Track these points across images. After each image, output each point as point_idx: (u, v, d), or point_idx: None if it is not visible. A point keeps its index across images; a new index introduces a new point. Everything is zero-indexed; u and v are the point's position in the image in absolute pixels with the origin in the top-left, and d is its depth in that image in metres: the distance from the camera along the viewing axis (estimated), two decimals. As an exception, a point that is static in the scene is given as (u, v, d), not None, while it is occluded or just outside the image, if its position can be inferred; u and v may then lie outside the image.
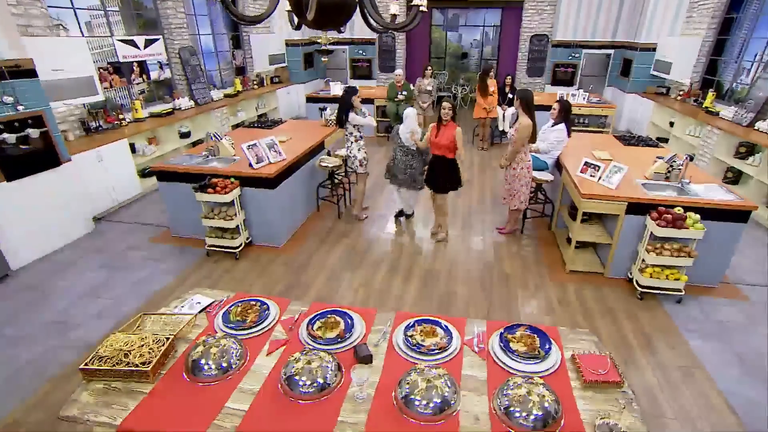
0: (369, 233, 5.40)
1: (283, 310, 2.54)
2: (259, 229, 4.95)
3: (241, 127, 6.99)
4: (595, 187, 4.26)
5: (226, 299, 2.65)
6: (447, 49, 13.94)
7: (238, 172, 4.66)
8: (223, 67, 9.56)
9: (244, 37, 9.98)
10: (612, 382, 2.05)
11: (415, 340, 2.25)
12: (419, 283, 4.36)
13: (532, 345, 2.22)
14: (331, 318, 2.38)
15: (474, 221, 5.72)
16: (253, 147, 4.78)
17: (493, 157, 8.49)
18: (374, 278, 4.43)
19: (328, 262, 4.71)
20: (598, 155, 5.07)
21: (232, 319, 2.44)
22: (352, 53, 12.16)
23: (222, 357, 2.12)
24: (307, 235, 5.33)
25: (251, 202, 4.78)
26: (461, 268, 4.64)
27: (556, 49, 11.22)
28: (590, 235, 4.49)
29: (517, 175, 4.87)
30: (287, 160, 4.95)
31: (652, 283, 4.02)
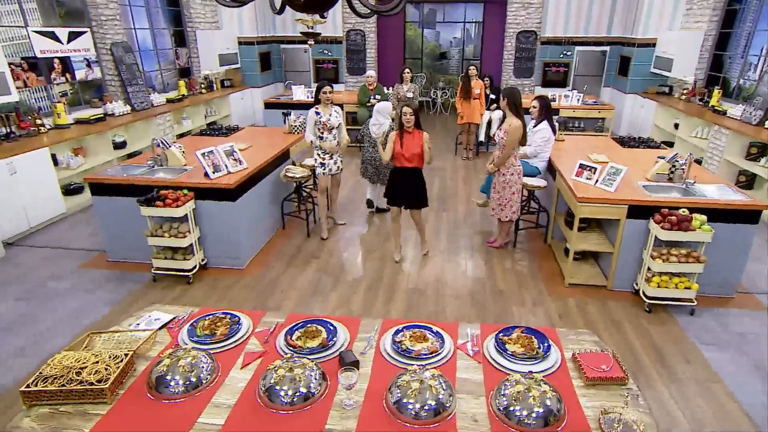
0: (343, 251, 5.59)
1: (257, 322, 2.70)
2: (217, 249, 5.04)
3: (189, 136, 7.15)
4: (592, 190, 4.59)
5: (189, 314, 2.79)
6: (423, 48, 14.54)
7: (192, 182, 4.78)
8: (164, 67, 9.75)
9: (188, 34, 10.22)
10: (616, 378, 2.29)
11: (405, 345, 2.45)
12: (403, 302, 4.55)
13: (530, 346, 2.46)
14: (311, 327, 2.56)
15: (461, 235, 5.98)
16: (209, 154, 4.93)
17: (479, 167, 8.87)
18: (352, 299, 4.60)
19: (298, 284, 4.85)
20: (595, 158, 5.44)
21: (199, 333, 2.58)
22: (316, 53, 12.48)
23: (191, 371, 2.26)
24: (272, 255, 5.45)
25: (207, 217, 4.89)
26: (449, 285, 4.86)
27: (546, 46, 11.85)
28: (590, 243, 4.79)
29: (507, 183, 5.15)
30: (249, 170, 5.11)
31: (660, 293, 4.33)
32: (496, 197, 5.28)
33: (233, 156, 5.15)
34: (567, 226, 5.07)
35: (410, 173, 4.88)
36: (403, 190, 4.96)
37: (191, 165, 5.23)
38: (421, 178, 4.97)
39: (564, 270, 4.96)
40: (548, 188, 5.68)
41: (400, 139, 4.78)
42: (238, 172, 5.02)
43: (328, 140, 5.46)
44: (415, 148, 4.74)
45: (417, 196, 5.01)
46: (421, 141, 4.76)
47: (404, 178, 4.91)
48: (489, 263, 5.32)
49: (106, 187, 4.95)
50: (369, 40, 12.29)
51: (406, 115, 4.71)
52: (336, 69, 12.55)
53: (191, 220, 4.75)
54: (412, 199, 5.02)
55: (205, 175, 4.85)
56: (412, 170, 4.87)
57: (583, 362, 2.36)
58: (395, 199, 5.05)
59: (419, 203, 5.04)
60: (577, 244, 4.75)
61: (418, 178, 4.94)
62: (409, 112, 4.70)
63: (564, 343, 2.55)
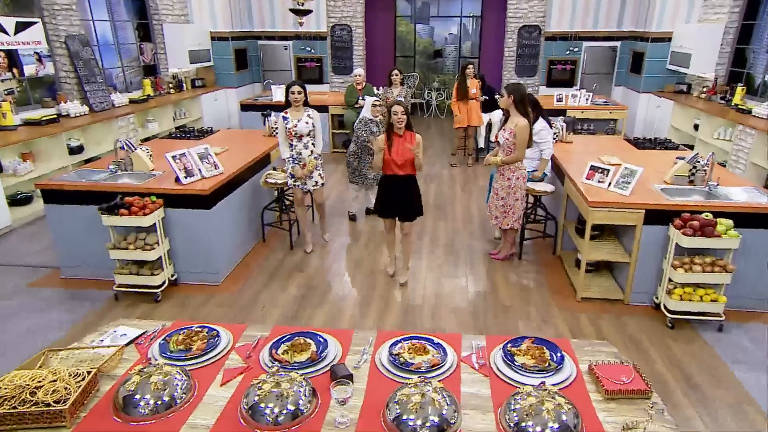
0: (330, 264, 5.62)
1: (238, 336, 2.70)
2: (189, 262, 5.04)
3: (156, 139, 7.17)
4: (605, 194, 4.66)
5: (161, 329, 2.79)
6: (416, 46, 14.74)
7: (162, 188, 4.80)
8: (127, 64, 9.80)
9: (154, 27, 10.27)
10: (638, 391, 2.32)
11: (403, 358, 2.46)
12: (397, 319, 4.58)
13: (542, 357, 2.48)
14: (299, 340, 2.57)
15: (460, 246, 6.04)
16: (181, 157, 4.95)
17: (478, 174, 8.96)
18: (341, 317, 4.62)
19: (280, 301, 4.87)
20: (607, 160, 5.52)
21: (172, 348, 2.58)
22: (297, 50, 12.57)
23: (164, 389, 2.25)
24: (251, 269, 5.47)
25: (178, 227, 4.90)
26: (448, 301, 4.90)
27: (551, 42, 12.04)
28: (603, 253, 4.84)
29: (512, 187, 5.21)
30: (225, 174, 5.14)
31: (683, 307, 4.38)
32: (498, 204, 5.32)
33: (208, 159, 5.17)
34: (578, 234, 5.13)
35: (402, 181, 4.84)
36: (394, 200, 4.93)
37: (160, 169, 5.24)
38: (415, 187, 4.95)
39: (575, 283, 5.00)
40: (556, 193, 5.75)
41: (388, 143, 4.71)
42: (214, 178, 5.04)
43: (296, 150, 5.36)
44: (408, 152, 4.68)
45: (410, 207, 4.99)
46: (414, 144, 4.71)
47: (395, 187, 4.88)
48: (491, 276, 5.37)
49: (61, 195, 4.93)
50: (356, 36, 12.40)
51: (396, 114, 4.62)
52: (320, 68, 12.62)
53: (160, 231, 4.74)
54: (405, 210, 5.00)
55: (176, 180, 4.86)
56: (404, 178, 4.83)
57: (600, 374, 2.39)
58: (387, 210, 5.04)
59: (412, 214, 5.03)
60: (589, 253, 4.80)
61: (412, 186, 4.92)
62: (400, 111, 4.62)
63: (579, 355, 2.57)
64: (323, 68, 12.64)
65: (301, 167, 5.42)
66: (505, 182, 5.23)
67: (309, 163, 5.46)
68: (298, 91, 5.23)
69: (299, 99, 5.23)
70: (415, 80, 14.37)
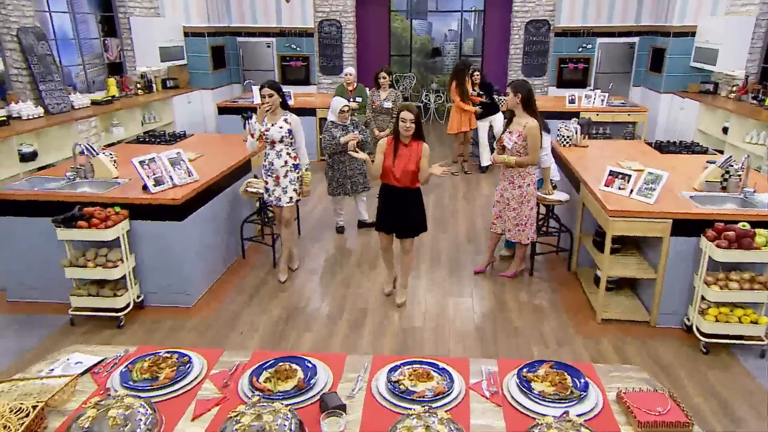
0: (318, 283, 5.59)
1: (213, 362, 2.61)
2: (158, 282, 4.98)
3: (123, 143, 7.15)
4: (627, 202, 4.63)
5: (123, 355, 2.69)
6: (413, 43, 14.84)
7: (127, 198, 4.75)
8: (89, 61, 9.71)
9: (120, 21, 10.23)
10: (677, 423, 2.24)
11: (404, 386, 2.38)
12: (395, 344, 4.53)
13: (562, 384, 2.40)
14: (283, 366, 2.48)
15: (464, 262, 6.03)
16: (149, 163, 4.90)
17: (482, 181, 8.95)
18: (331, 340, 4.57)
19: (262, 325, 4.81)
20: (627, 166, 5.48)
21: (135, 377, 2.48)
22: (281, 48, 12.57)
23: (125, 425, 2.14)
24: (229, 289, 5.43)
25: (146, 242, 4.85)
26: (452, 323, 4.85)
27: (561, 39, 12.09)
28: (626, 268, 4.79)
29: (524, 195, 5.20)
30: (200, 182, 5.10)
31: (719, 329, 4.32)
32: (511, 215, 5.30)
33: (180, 165, 5.12)
34: (596, 248, 5.09)
35: (403, 194, 4.81)
36: (391, 213, 4.89)
37: (125, 177, 5.19)
38: (416, 200, 4.91)
39: (594, 303, 4.96)
40: (570, 203, 5.73)
41: (393, 150, 4.68)
42: (187, 186, 4.99)
43: (268, 159, 5.25)
44: (410, 164, 4.64)
45: (409, 222, 4.94)
46: (419, 156, 4.65)
47: (394, 199, 4.85)
48: (500, 296, 5.33)
49: (9, 205, 4.86)
50: (346, 32, 12.41)
51: (405, 122, 4.56)
52: (306, 68, 12.60)
53: (124, 246, 4.67)
54: (402, 226, 4.95)
55: (143, 189, 4.81)
56: (403, 191, 4.79)
57: (632, 404, 2.31)
58: (383, 224, 5.00)
59: (412, 230, 4.99)
60: (609, 269, 4.76)
61: (413, 199, 4.89)
62: (409, 119, 4.56)
63: (605, 381, 2.50)
64: (310, 68, 12.62)
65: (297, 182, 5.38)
66: (516, 191, 5.21)
67: (305, 178, 5.41)
68: (268, 93, 5.08)
69: (270, 102, 5.09)
70: (412, 81, 14.43)
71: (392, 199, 4.84)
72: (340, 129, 6.32)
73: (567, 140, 6.48)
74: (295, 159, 5.34)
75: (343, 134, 6.27)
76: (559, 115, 9.11)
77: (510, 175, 5.20)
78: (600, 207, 4.73)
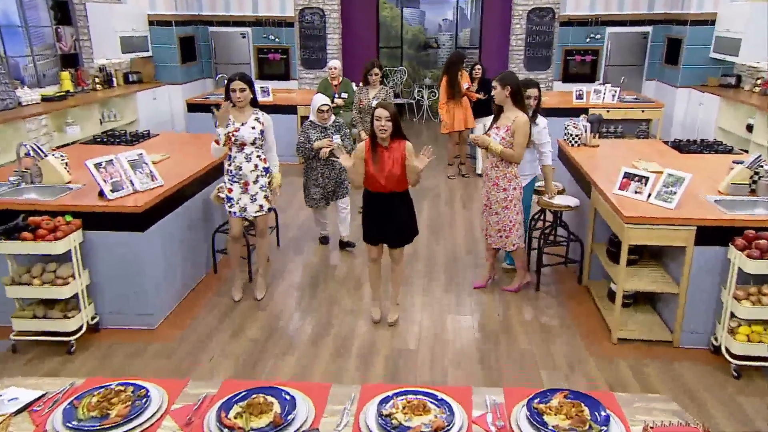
0: (298, 303, 5.50)
1: (175, 395, 2.48)
2: (116, 301, 4.89)
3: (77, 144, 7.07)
4: (644, 207, 4.57)
5: (68, 389, 2.56)
6: (404, 34, 14.83)
7: (80, 205, 4.64)
8: (39, 52, 9.51)
9: (75, 8, 10.06)
10: (709, 460, 2.14)
11: (397, 420, 2.26)
12: (386, 369, 4.45)
13: (579, 417, 2.29)
14: (257, 399, 2.36)
15: (463, 276, 5.98)
16: (106, 166, 4.80)
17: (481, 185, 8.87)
18: (313, 368, 4.48)
19: (234, 350, 4.71)
20: (643, 167, 5.44)
21: (82, 415, 2.35)
22: (258, 39, 12.50)
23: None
24: (198, 308, 5.34)
25: (102, 255, 4.75)
26: (451, 345, 4.78)
27: (567, 28, 12.09)
28: (644, 282, 4.72)
29: (509, 200, 5.20)
30: (165, 188, 5.01)
31: (751, 350, 4.25)
32: (493, 220, 5.30)
33: (142, 169, 5.03)
34: (610, 258, 5.02)
35: (390, 199, 4.76)
36: (380, 221, 4.82)
37: (79, 182, 5.08)
38: (406, 204, 4.85)
39: (609, 320, 4.90)
40: (580, 208, 5.67)
41: (372, 154, 4.63)
42: (150, 191, 4.89)
43: (235, 163, 5.08)
44: (395, 167, 4.59)
45: (401, 229, 4.88)
46: (403, 157, 4.60)
47: (382, 206, 4.78)
48: (504, 313, 5.27)
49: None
50: (331, 22, 12.39)
51: (380, 120, 4.49)
52: (286, 61, 12.55)
53: (76, 260, 4.55)
54: (394, 233, 4.88)
55: (100, 195, 4.71)
56: (392, 195, 4.73)
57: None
58: (371, 235, 4.92)
59: (404, 236, 4.93)
60: (626, 283, 4.68)
61: (403, 203, 4.83)
62: (384, 117, 4.48)
63: (628, 413, 2.40)
64: (290, 61, 12.59)
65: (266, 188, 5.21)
66: (500, 194, 5.21)
67: (275, 179, 5.30)
68: (240, 87, 4.93)
69: (242, 98, 4.96)
70: (403, 76, 14.43)
71: (379, 206, 4.78)
72: (318, 131, 6.14)
73: (575, 139, 6.42)
74: (266, 162, 5.22)
75: (320, 137, 6.09)
76: (565, 112, 9.07)
77: (494, 176, 5.19)
78: (614, 213, 4.67)
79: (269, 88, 10.10)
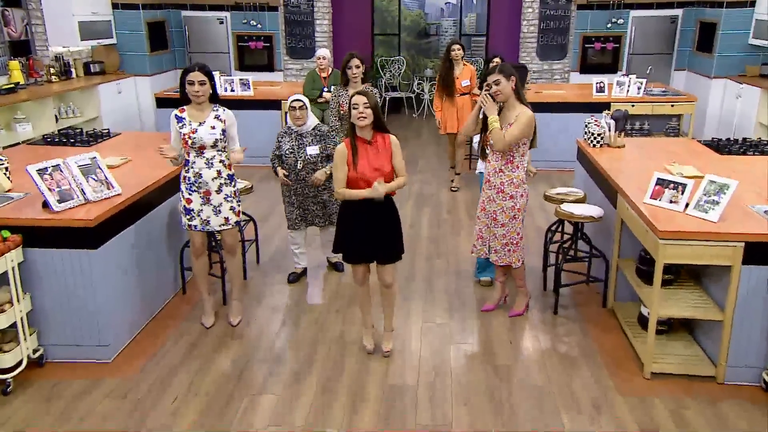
0: (277, 331, 5.36)
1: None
2: (64, 331, 4.77)
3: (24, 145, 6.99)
4: (682, 219, 4.38)
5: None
6: (402, 20, 14.74)
7: (20, 218, 4.52)
8: (-16, 39, 9.44)
9: (27, -12, 9.98)
10: None
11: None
12: (379, 410, 4.30)
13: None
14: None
15: (468, 298, 5.88)
16: (52, 172, 4.65)
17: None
18: (294, 408, 4.33)
19: (202, 387, 4.55)
20: (677, 171, 5.28)
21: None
22: (237, 25, 12.46)
23: None
24: (163, 337, 5.23)
25: (46, 277, 4.63)
26: (455, 379, 4.63)
27: (586, 12, 11.99)
28: (681, 306, 4.52)
29: (517, 208, 5.08)
30: (124, 197, 4.91)
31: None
32: (500, 233, 5.14)
33: (96, 175, 4.88)
34: (641, 278, 4.83)
35: (375, 206, 4.50)
36: (366, 234, 4.59)
37: (21, 190, 4.96)
38: (393, 211, 4.67)
39: (640, 350, 4.70)
40: (605, 219, 5.52)
41: (352, 154, 4.43)
42: (104, 201, 4.76)
43: (195, 169, 4.84)
44: (384, 163, 4.45)
45: (391, 243, 4.68)
46: (390, 152, 4.48)
47: (367, 215, 4.54)
48: (516, 341, 5.11)
49: None
50: (320, 6, 12.33)
51: (357, 107, 4.32)
52: (269, 50, 12.53)
53: (15, 283, 4.38)
54: (384, 249, 4.67)
55: (44, 206, 4.57)
56: (378, 201, 4.49)
57: None
58: (355, 252, 4.71)
59: (394, 252, 4.73)
60: (661, 308, 4.48)
61: (391, 210, 4.64)
62: (362, 103, 4.31)
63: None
64: (274, 50, 12.59)
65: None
66: (506, 202, 5.05)
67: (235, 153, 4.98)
68: (199, 80, 4.69)
69: (202, 92, 4.73)
70: (401, 67, 14.35)
71: (363, 216, 4.54)
72: (293, 138, 5.71)
73: (598, 139, 6.26)
74: (230, 168, 4.99)
75: (294, 147, 5.68)
76: (584, 107, 8.95)
77: (498, 183, 5.01)
78: (646, 227, 4.47)
79: (249, 81, 9.93)
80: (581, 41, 12.09)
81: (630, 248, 5.22)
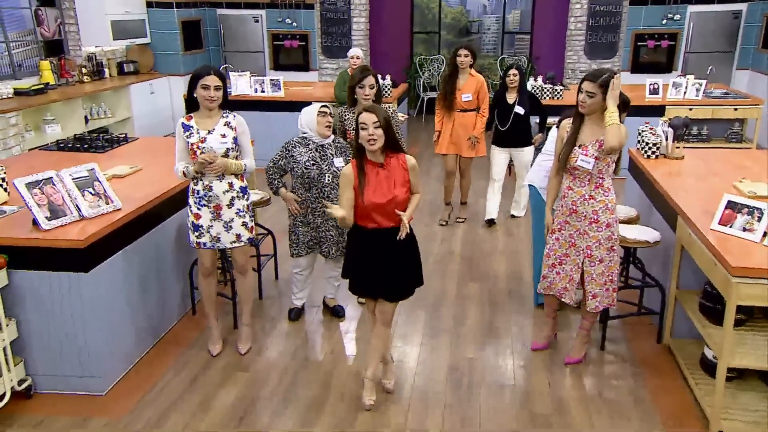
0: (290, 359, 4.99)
1: None
2: (53, 361, 4.51)
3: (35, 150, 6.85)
4: (759, 252, 3.86)
5: None
6: (442, 17, 14.52)
7: (4, 237, 4.28)
8: (17, 38, 9.45)
9: (60, -13, 10.04)
10: None
11: None
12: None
13: None
14: None
15: (502, 329, 5.37)
16: (43, 185, 4.38)
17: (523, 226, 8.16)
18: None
19: (203, 426, 4.21)
20: (749, 190, 4.79)
21: None
22: (273, 23, 12.47)
23: None
24: (164, 367, 4.92)
25: (34, 302, 4.39)
26: (485, 428, 4.19)
27: (639, 8, 11.67)
28: (758, 356, 3.98)
29: (615, 238, 4.48)
30: (123, 213, 4.66)
31: None
32: (597, 272, 4.46)
33: (93, 188, 4.58)
34: (706, 316, 4.29)
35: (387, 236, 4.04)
36: (375, 266, 4.09)
37: (18, 204, 4.68)
38: (411, 243, 4.15)
39: (705, 401, 4.15)
40: (662, 245, 5.02)
41: (359, 179, 3.94)
42: (101, 218, 4.48)
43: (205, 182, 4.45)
44: (397, 189, 3.94)
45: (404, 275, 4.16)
46: (405, 175, 3.99)
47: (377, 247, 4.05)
48: (555, 383, 4.59)
49: None
50: (357, 3, 12.33)
51: (366, 128, 3.81)
52: (305, 48, 12.59)
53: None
54: (395, 285, 4.15)
55: (33, 225, 4.29)
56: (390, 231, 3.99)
57: None
58: (361, 284, 4.23)
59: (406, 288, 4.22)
60: (732, 356, 3.92)
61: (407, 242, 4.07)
62: (371, 123, 3.79)
63: None
64: (310, 49, 12.62)
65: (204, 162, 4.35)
66: (602, 233, 4.39)
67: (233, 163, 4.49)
68: (215, 85, 4.30)
69: (216, 98, 4.35)
70: (441, 66, 14.14)
71: (373, 247, 4.07)
72: (311, 149, 5.03)
73: (653, 149, 5.74)
74: (242, 180, 4.60)
75: (316, 156, 4.97)
76: (636, 110, 8.28)
77: (590, 211, 4.36)
78: (715, 259, 3.93)
79: (281, 81, 9.64)
80: (633, 39, 11.81)
81: (691, 277, 4.72)
